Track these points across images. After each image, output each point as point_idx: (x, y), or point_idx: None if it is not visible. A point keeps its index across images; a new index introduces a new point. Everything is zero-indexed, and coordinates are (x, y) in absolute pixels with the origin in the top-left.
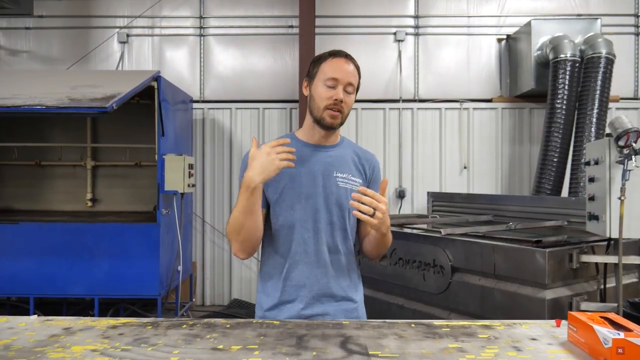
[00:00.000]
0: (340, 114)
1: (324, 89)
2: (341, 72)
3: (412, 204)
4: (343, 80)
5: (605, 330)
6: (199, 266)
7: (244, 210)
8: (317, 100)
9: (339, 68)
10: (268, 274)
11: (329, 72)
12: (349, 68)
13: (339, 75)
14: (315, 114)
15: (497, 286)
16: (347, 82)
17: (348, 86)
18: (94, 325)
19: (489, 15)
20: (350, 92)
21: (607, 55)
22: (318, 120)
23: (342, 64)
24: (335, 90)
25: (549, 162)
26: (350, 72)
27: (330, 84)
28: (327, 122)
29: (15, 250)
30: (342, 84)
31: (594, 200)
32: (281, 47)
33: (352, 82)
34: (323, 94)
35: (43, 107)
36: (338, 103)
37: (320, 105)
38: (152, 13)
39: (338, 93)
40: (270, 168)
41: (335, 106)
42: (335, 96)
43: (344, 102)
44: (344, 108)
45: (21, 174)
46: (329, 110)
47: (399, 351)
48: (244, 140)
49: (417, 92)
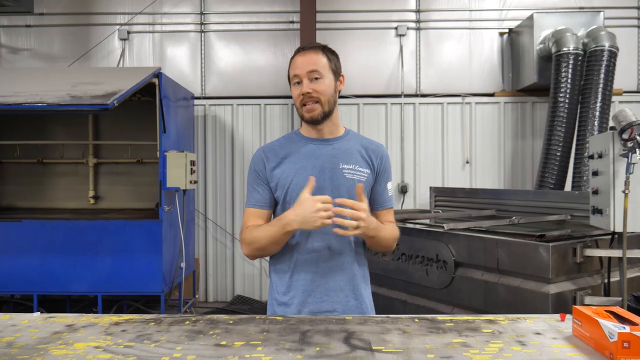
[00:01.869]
0: (317, 103)
1: (293, 88)
2: (299, 66)
3: (414, 199)
4: (302, 72)
5: (610, 324)
6: (202, 263)
7: (272, 241)
8: (294, 101)
9: (297, 63)
10: (275, 268)
11: (291, 71)
12: (306, 59)
13: (298, 70)
14: (298, 114)
15: (500, 281)
16: (306, 71)
17: (311, 73)
18: (96, 322)
19: (490, 9)
20: (318, 77)
21: (610, 48)
22: (302, 118)
23: (300, 58)
24: (300, 85)
25: (552, 156)
26: (309, 62)
27: (296, 81)
28: (307, 117)
29: (18, 248)
30: (303, 76)
31: (597, 193)
32: (282, 43)
33: (314, 69)
34: (294, 94)
35: (44, 104)
36: (306, 96)
37: (297, 104)
38: (153, 9)
39: (303, 87)
40: (311, 223)
41: (305, 100)
42: (301, 91)
43: (313, 90)
44: (318, 96)
45: (23, 171)
46: (304, 106)
47: (402, 346)
48: (246, 136)
49: (419, 86)
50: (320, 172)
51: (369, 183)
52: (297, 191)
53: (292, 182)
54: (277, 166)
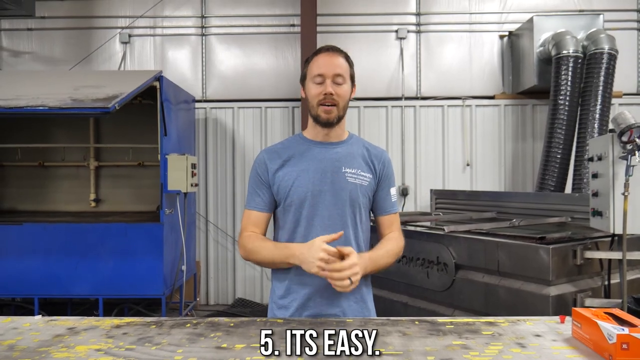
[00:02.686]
0: (335, 107)
1: (314, 86)
2: (326, 66)
3: (415, 201)
4: (329, 73)
5: (609, 326)
6: (203, 265)
7: (271, 262)
8: (310, 99)
9: (323, 63)
10: (276, 272)
11: (315, 69)
12: (333, 60)
13: (324, 70)
14: (311, 112)
15: (501, 283)
16: (333, 73)
17: (336, 77)
18: (98, 325)
19: (490, 12)
20: (341, 82)
21: (610, 51)
22: (315, 118)
23: (326, 58)
24: (323, 85)
25: (552, 158)
26: (335, 64)
27: (319, 81)
28: (323, 118)
29: (19, 251)
30: (328, 77)
31: (597, 196)
32: (283, 46)
33: (339, 73)
34: (314, 92)
35: (46, 107)
36: (328, 96)
37: (313, 102)
38: (154, 13)
39: (326, 87)
40: (308, 268)
41: (327, 100)
42: (324, 91)
43: (336, 93)
44: (338, 100)
45: (25, 174)
46: (321, 106)
47: (403, 348)
48: (247, 139)
49: (420, 89)
50: (322, 176)
51: (371, 188)
52: (299, 194)
53: (294, 184)
54: (279, 168)
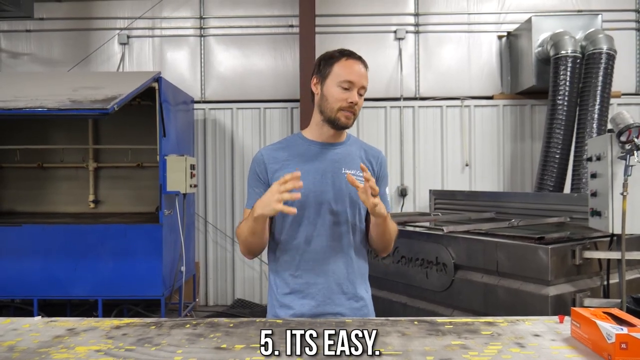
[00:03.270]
0: (354, 114)
1: (339, 90)
2: (356, 75)
3: (414, 202)
4: (358, 83)
5: (608, 325)
6: (202, 266)
7: (249, 231)
8: (330, 101)
9: (354, 71)
10: (276, 269)
11: (345, 75)
12: (362, 71)
13: (354, 78)
14: (328, 114)
15: (500, 283)
16: (361, 85)
17: (361, 89)
18: (97, 325)
19: (489, 13)
20: (362, 94)
21: (608, 51)
22: (332, 120)
23: (356, 67)
24: (350, 92)
25: (551, 158)
26: (363, 75)
27: (346, 87)
28: (342, 123)
29: (18, 252)
30: (357, 86)
31: (596, 196)
32: (282, 47)
33: (365, 85)
34: (338, 96)
35: (44, 109)
36: (353, 106)
37: (335, 106)
38: (152, 14)
39: (353, 96)
40: (268, 208)
41: (351, 109)
42: (350, 99)
43: (357, 104)
44: (357, 110)
45: (23, 176)
46: (343, 112)
47: (402, 348)
48: (246, 140)
49: (418, 90)
50: (323, 176)
51: None
52: (300, 193)
53: None
54: (279, 169)
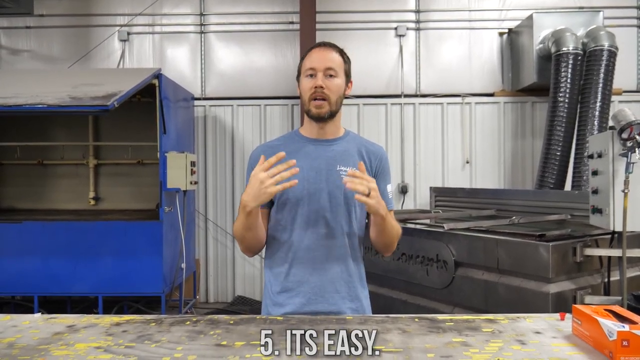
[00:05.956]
0: (326, 101)
1: (305, 80)
2: (318, 60)
3: (414, 199)
4: (320, 66)
5: (610, 323)
6: (203, 263)
7: (243, 227)
8: (302, 95)
9: (315, 57)
10: (271, 267)
11: (307, 64)
12: (326, 54)
13: (316, 64)
14: (305, 108)
15: (500, 280)
16: (324, 67)
17: (328, 70)
18: (97, 322)
19: (490, 9)
20: (333, 75)
21: (610, 48)
22: (307, 113)
23: (318, 53)
24: (314, 78)
25: (551, 155)
26: (327, 58)
27: (310, 74)
28: (314, 113)
29: (19, 249)
30: (320, 70)
31: (597, 193)
32: (282, 44)
33: (331, 66)
34: (305, 86)
35: (45, 105)
36: (319, 89)
37: (305, 97)
38: (153, 11)
39: (317, 80)
40: (264, 196)
41: (317, 94)
42: (314, 84)
43: (326, 87)
44: (329, 94)
45: (24, 173)
46: (313, 101)
47: (402, 346)
48: (246, 137)
49: (419, 87)
50: (317, 174)
51: None
52: (294, 192)
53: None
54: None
